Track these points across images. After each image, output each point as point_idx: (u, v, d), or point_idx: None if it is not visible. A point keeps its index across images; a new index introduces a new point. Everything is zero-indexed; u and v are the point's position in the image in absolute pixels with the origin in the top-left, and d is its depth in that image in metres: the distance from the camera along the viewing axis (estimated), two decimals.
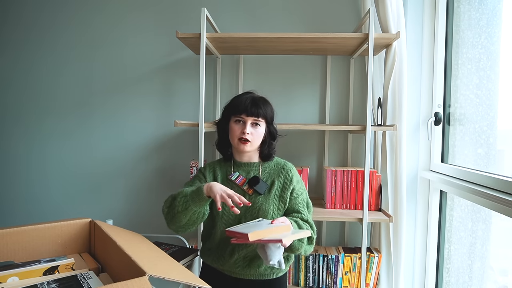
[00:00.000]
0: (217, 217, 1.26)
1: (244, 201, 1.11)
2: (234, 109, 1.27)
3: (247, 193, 1.27)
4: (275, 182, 1.28)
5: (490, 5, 1.45)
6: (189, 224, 1.20)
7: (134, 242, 1.00)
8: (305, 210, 1.28)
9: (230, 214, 1.25)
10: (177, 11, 2.03)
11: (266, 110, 1.27)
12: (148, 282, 0.69)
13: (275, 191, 1.27)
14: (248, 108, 1.24)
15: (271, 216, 1.23)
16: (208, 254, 1.31)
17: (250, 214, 1.24)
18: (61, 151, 2.12)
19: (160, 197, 2.06)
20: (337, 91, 2.00)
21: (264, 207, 1.23)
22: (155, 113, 2.06)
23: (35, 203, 2.14)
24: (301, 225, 1.22)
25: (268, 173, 1.31)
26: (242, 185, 1.28)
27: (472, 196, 1.36)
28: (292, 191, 1.28)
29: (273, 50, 1.86)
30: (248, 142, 1.25)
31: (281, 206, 1.26)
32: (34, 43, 2.10)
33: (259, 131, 1.27)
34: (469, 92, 1.58)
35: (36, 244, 1.02)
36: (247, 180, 1.29)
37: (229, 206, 1.09)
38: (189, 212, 1.16)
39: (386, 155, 1.73)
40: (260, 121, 1.26)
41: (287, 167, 1.33)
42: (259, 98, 1.29)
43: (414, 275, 1.86)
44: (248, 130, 1.24)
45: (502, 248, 1.47)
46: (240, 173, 1.31)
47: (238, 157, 1.34)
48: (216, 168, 1.36)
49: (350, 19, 1.96)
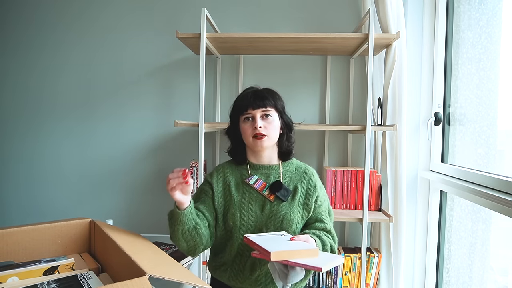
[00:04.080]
0: (234, 227, 1.11)
1: (180, 173, 0.96)
2: (239, 108, 1.16)
3: (268, 199, 1.13)
4: (298, 188, 1.16)
5: (490, 5, 1.45)
6: (192, 246, 1.08)
7: (134, 242, 1.00)
8: (328, 219, 1.17)
9: (249, 224, 1.11)
10: (177, 11, 2.03)
11: (273, 99, 1.15)
12: (148, 282, 0.69)
13: (298, 198, 1.14)
14: (252, 101, 1.13)
15: (295, 226, 1.11)
16: (223, 270, 1.15)
17: (272, 224, 1.10)
18: (61, 151, 2.12)
19: (160, 197, 2.06)
20: (337, 91, 2.00)
21: (288, 216, 1.10)
22: (155, 113, 2.06)
23: (35, 203, 2.14)
24: (325, 240, 1.09)
25: (289, 177, 1.18)
26: (262, 191, 1.14)
27: (472, 196, 1.36)
28: (317, 199, 1.16)
29: (273, 50, 1.86)
30: (264, 136, 1.12)
31: (304, 214, 1.14)
32: (34, 44, 2.10)
33: (273, 122, 1.14)
34: (469, 92, 1.58)
35: (36, 244, 1.02)
36: (267, 184, 1.15)
37: (176, 183, 0.96)
38: (178, 233, 1.05)
39: (386, 155, 1.73)
40: (270, 110, 1.14)
41: (309, 171, 1.21)
42: (262, 89, 1.19)
43: (414, 275, 1.86)
44: (260, 123, 1.11)
45: (502, 248, 1.47)
46: (259, 177, 1.18)
47: (255, 159, 1.20)
48: (226, 171, 1.21)
49: (350, 19, 1.96)
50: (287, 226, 1.10)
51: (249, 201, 1.14)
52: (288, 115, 1.22)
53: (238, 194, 1.15)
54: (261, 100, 1.12)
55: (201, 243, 1.09)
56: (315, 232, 1.10)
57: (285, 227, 1.10)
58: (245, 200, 1.14)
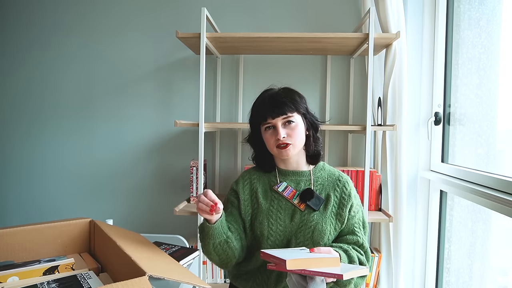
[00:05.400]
0: (262, 237, 1.06)
1: (209, 204, 0.91)
2: (258, 117, 1.09)
3: (298, 208, 1.06)
4: (330, 196, 1.09)
5: (490, 5, 1.45)
6: (224, 259, 1.04)
7: (134, 242, 1.00)
8: (361, 232, 1.09)
9: (277, 234, 1.05)
10: (177, 11, 2.03)
11: (292, 102, 1.07)
12: (148, 282, 0.69)
13: (331, 208, 1.07)
14: (270, 109, 1.05)
15: (327, 237, 1.04)
16: (245, 279, 1.10)
17: (302, 234, 1.03)
18: (61, 151, 2.12)
19: (160, 197, 2.06)
20: (337, 91, 2.00)
21: (320, 227, 1.03)
22: (155, 113, 2.06)
23: (35, 203, 2.14)
24: (353, 256, 1.01)
25: (321, 185, 1.11)
26: (292, 199, 1.08)
27: (472, 196, 1.36)
28: (350, 209, 1.09)
29: (273, 50, 1.86)
30: (288, 145, 1.05)
31: (337, 226, 1.07)
32: (36, 45, 2.10)
33: (296, 128, 1.06)
34: (469, 92, 1.58)
35: (36, 244, 1.02)
36: (297, 192, 1.09)
37: (211, 212, 0.92)
38: (209, 247, 1.00)
39: (386, 155, 1.73)
40: (291, 116, 1.06)
41: (343, 179, 1.13)
42: (278, 92, 1.10)
43: (414, 275, 1.86)
44: (282, 133, 1.04)
45: (502, 248, 1.47)
46: (288, 184, 1.11)
47: (283, 165, 1.14)
48: (253, 178, 1.15)
49: (350, 19, 1.96)
50: (318, 237, 1.03)
51: (278, 209, 1.08)
52: (313, 113, 1.14)
53: (266, 202, 1.09)
54: (279, 108, 1.05)
55: (233, 256, 1.04)
56: (342, 246, 1.03)
57: (316, 239, 1.03)
58: (273, 209, 1.08)
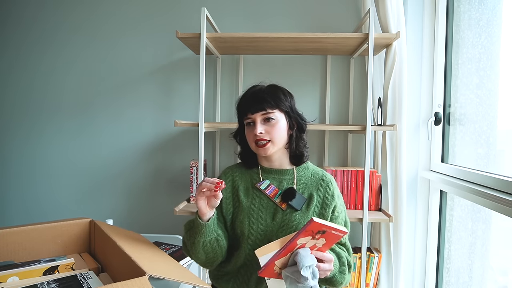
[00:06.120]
0: (242, 236, 1.04)
1: (214, 182, 0.89)
2: (240, 111, 1.08)
3: (279, 207, 1.05)
4: (313, 196, 1.07)
5: (490, 5, 1.45)
6: (212, 258, 1.02)
7: (134, 242, 1.00)
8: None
9: (258, 234, 1.03)
10: (177, 11, 2.03)
11: (274, 98, 1.04)
12: (148, 282, 0.69)
13: (314, 208, 1.06)
14: (251, 104, 1.03)
15: None
16: (225, 280, 1.08)
17: (284, 234, 1.00)
18: (61, 151, 2.12)
19: (160, 197, 2.06)
20: (337, 91, 2.00)
21: (301, 227, 1.01)
22: (155, 113, 2.06)
23: (35, 203, 2.14)
24: (339, 252, 1.04)
25: (304, 184, 1.09)
26: (274, 197, 1.06)
27: (472, 196, 1.36)
28: (334, 209, 1.07)
29: (273, 50, 1.86)
30: (266, 142, 1.03)
31: None
32: (37, 45, 2.10)
33: (276, 125, 1.04)
34: (469, 92, 1.58)
35: (36, 244, 1.02)
36: (280, 191, 1.07)
37: (207, 188, 0.89)
38: (199, 245, 0.98)
39: (386, 155, 1.73)
40: (271, 113, 1.03)
41: (327, 178, 1.11)
42: (263, 88, 1.07)
43: (414, 275, 1.86)
44: (260, 129, 1.02)
45: (502, 248, 1.47)
46: (271, 182, 1.09)
47: (266, 162, 1.12)
48: (235, 175, 1.13)
49: (350, 19, 1.96)
50: None
51: (259, 208, 1.06)
52: (300, 113, 1.12)
53: (247, 200, 1.07)
54: (259, 103, 1.02)
55: (221, 255, 1.03)
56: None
57: None
58: (254, 207, 1.06)
